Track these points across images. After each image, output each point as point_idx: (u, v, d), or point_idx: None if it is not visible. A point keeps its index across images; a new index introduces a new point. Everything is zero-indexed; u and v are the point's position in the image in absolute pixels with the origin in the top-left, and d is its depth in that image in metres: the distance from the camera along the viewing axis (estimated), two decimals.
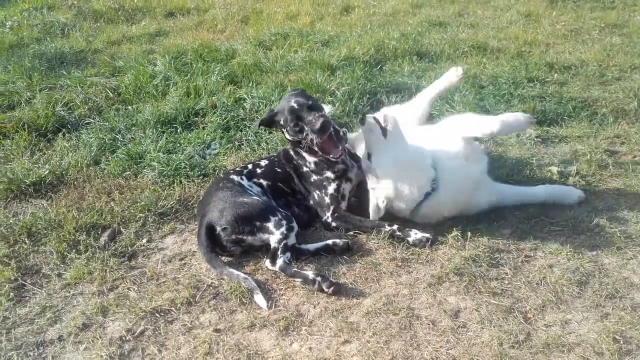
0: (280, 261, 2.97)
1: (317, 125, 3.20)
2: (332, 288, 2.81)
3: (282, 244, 3.01)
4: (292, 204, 3.45)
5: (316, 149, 3.33)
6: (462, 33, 7.02)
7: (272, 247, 3.02)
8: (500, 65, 5.83)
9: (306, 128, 3.27)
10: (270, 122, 3.53)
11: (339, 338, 2.54)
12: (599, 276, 2.86)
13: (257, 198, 3.22)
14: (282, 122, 3.41)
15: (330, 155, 3.31)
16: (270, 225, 3.05)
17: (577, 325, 2.55)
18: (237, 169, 3.55)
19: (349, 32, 7.17)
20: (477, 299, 2.73)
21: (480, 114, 4.60)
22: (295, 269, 2.95)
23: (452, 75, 4.08)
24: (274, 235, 3.03)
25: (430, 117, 4.66)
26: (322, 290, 2.82)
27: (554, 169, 3.85)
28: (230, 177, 3.38)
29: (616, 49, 6.24)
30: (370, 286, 2.87)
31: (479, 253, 3.03)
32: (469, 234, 3.17)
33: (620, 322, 2.53)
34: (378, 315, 2.66)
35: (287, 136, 3.45)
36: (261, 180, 3.42)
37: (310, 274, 2.89)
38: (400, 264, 3.01)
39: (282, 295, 2.83)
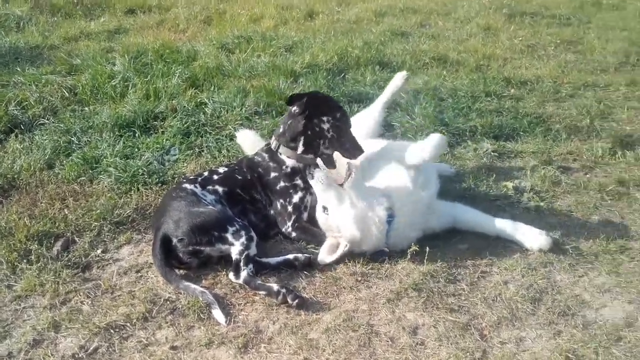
0: (244, 273, 2.93)
1: (358, 151, 3.42)
2: (296, 301, 2.79)
3: (244, 255, 2.97)
4: (249, 211, 3.41)
5: (329, 151, 3.46)
6: (424, 44, 7.13)
7: (233, 258, 2.98)
8: (459, 79, 5.94)
9: (348, 139, 3.45)
10: (311, 108, 3.42)
11: (299, 356, 2.52)
12: (551, 293, 2.94)
13: (212, 207, 3.17)
14: (338, 115, 3.47)
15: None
16: (229, 235, 3.00)
17: (531, 342, 2.61)
18: (191, 177, 3.50)
19: (313, 38, 7.18)
20: (435, 316, 2.77)
21: (439, 127, 4.71)
22: (259, 282, 2.92)
23: (397, 79, 4.32)
24: (235, 247, 2.99)
25: (387, 124, 4.73)
26: (286, 303, 2.80)
27: (509, 184, 3.95)
28: (183, 186, 3.31)
29: (570, 65, 6.46)
30: (330, 301, 2.87)
31: (437, 268, 3.08)
32: (427, 249, 3.21)
33: (572, 339, 2.60)
34: (338, 331, 2.66)
35: (323, 126, 3.44)
36: (217, 187, 3.36)
37: (274, 286, 2.87)
38: (360, 278, 3.02)
39: (241, 310, 2.80)
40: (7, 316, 2.72)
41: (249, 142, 4.09)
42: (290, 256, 3.13)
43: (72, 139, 4.37)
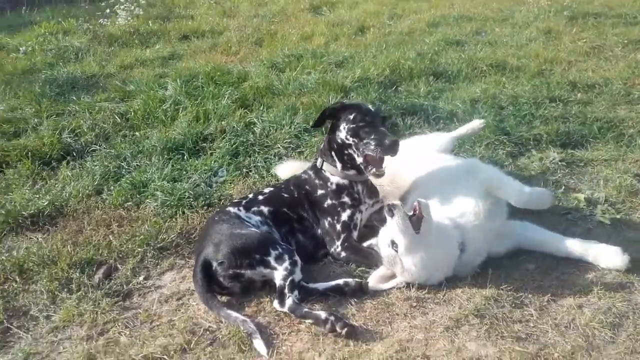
0: (289, 301, 2.73)
1: (388, 141, 3.04)
2: (346, 329, 2.57)
3: (289, 280, 2.78)
4: (297, 231, 3.25)
5: (360, 159, 3.17)
6: (480, 52, 6.81)
7: (277, 285, 2.79)
8: (520, 85, 5.61)
9: (372, 137, 3.09)
10: (334, 112, 3.30)
11: None
12: (633, 317, 2.59)
13: (255, 230, 3.01)
14: (350, 117, 3.21)
15: (374, 170, 3.13)
16: (271, 259, 2.83)
17: None
18: (235, 200, 3.36)
19: (364, 52, 7.02)
20: (500, 345, 2.47)
21: (500, 136, 4.40)
22: (305, 309, 2.71)
23: (474, 124, 4.07)
24: (278, 272, 2.81)
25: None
26: (334, 332, 2.58)
27: (581, 196, 3.60)
28: (227, 209, 3.19)
29: None
30: (382, 330, 2.63)
31: (501, 292, 2.78)
32: (490, 270, 2.92)
33: None
34: None
35: (340, 135, 3.24)
36: (262, 208, 3.21)
37: (322, 314, 2.66)
38: (415, 304, 2.77)
39: (284, 340, 2.60)
40: (42, 348, 2.64)
41: (289, 172, 3.91)
42: (340, 281, 2.91)
43: (122, 164, 4.36)
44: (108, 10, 9.31)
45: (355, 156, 3.21)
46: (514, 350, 2.44)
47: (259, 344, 2.54)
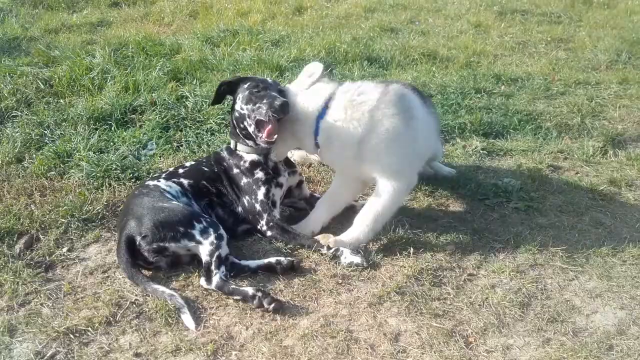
0: (216, 278, 2.74)
1: (279, 102, 3.02)
2: (273, 305, 2.62)
3: (215, 256, 2.78)
4: (216, 204, 3.25)
5: (252, 124, 3.14)
6: (413, 40, 6.98)
7: (204, 261, 2.79)
8: (449, 75, 5.82)
9: (265, 102, 3.06)
10: (232, 87, 3.31)
11: None
12: (541, 298, 2.81)
13: (177, 203, 2.98)
14: (245, 86, 3.21)
15: (261, 136, 3.10)
16: (196, 232, 2.81)
17: (519, 351, 2.47)
18: (155, 175, 3.35)
19: (301, 33, 7.02)
20: (418, 321, 2.61)
21: None
22: (233, 286, 2.73)
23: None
24: (204, 246, 2.80)
25: None
26: (262, 307, 2.63)
27: (499, 183, 3.81)
28: (146, 183, 3.15)
29: (561, 63, 6.35)
30: (309, 305, 2.71)
31: (422, 271, 2.93)
32: (412, 249, 3.07)
33: (562, 348, 2.47)
34: (314, 338, 2.50)
35: (237, 107, 3.23)
36: (182, 180, 3.19)
37: (250, 290, 2.70)
38: (340, 281, 2.87)
39: (212, 314, 2.63)
40: None
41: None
42: (272, 259, 2.95)
43: (45, 131, 4.18)
44: None
45: (247, 125, 3.19)
46: (431, 326, 2.59)
47: (187, 318, 2.56)
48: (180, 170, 3.28)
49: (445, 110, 4.88)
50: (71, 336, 2.45)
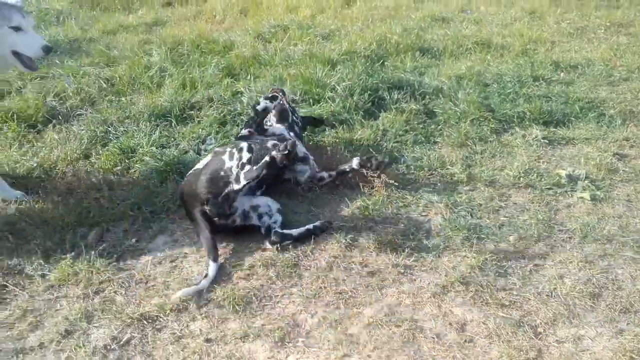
0: (241, 175, 2.98)
1: None
2: (288, 146, 2.94)
3: (239, 164, 3.05)
4: None
5: None
6: (466, 29, 6.88)
7: (234, 173, 3.04)
8: (504, 63, 5.71)
9: None
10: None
11: (338, 352, 2.38)
12: (612, 288, 2.72)
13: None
14: None
15: None
16: (227, 160, 3.12)
17: (591, 342, 2.41)
18: None
19: (350, 26, 7.03)
20: (485, 311, 2.58)
21: (485, 113, 4.49)
22: (254, 167, 2.99)
23: None
24: (232, 166, 3.08)
25: (428, 111, 4.60)
26: (287, 157, 2.96)
27: (562, 172, 3.71)
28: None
29: (623, 48, 6.12)
30: (371, 295, 2.71)
31: (486, 261, 2.89)
32: (475, 239, 3.03)
33: (636, 339, 2.39)
34: (379, 327, 2.51)
35: None
36: None
37: (265, 157, 2.98)
38: (402, 271, 2.86)
39: (277, 302, 2.67)
40: (39, 305, 2.66)
41: None
42: (310, 225, 3.13)
43: (109, 128, 4.32)
44: None
45: None
46: (498, 316, 2.55)
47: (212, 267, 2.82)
48: None
49: (502, 99, 4.78)
50: (144, 322, 2.54)
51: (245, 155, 3.07)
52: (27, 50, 3.19)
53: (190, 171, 3.36)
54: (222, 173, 3.07)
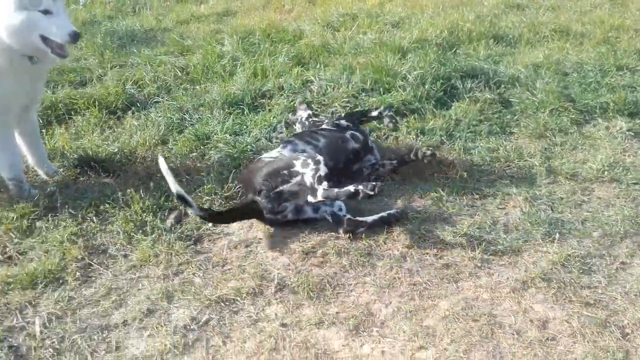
0: (320, 190, 2.95)
1: None
2: (376, 187, 2.85)
3: (316, 177, 3.00)
4: None
5: None
6: (542, 16, 6.59)
7: (308, 183, 3.01)
8: (584, 51, 5.45)
9: None
10: None
11: (414, 343, 2.35)
12: None
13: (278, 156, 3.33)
14: None
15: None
16: (298, 168, 3.07)
17: None
18: None
19: (420, 13, 6.88)
20: (568, 309, 2.48)
21: (565, 103, 4.30)
22: (336, 190, 2.94)
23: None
24: (307, 174, 3.03)
25: (504, 101, 4.47)
26: (366, 195, 2.85)
27: None
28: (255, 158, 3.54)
29: None
30: (447, 287, 2.66)
31: (569, 257, 2.77)
32: (557, 234, 2.91)
33: None
34: (456, 320, 2.46)
35: None
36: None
37: (350, 187, 2.91)
38: (480, 264, 2.79)
39: (351, 291, 2.67)
40: (123, 284, 2.77)
41: None
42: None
43: (185, 116, 4.43)
44: None
45: None
46: (582, 315, 2.45)
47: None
48: None
49: (583, 89, 4.57)
50: (222, 304, 2.60)
51: (323, 170, 3.03)
52: (55, 35, 3.09)
53: (257, 158, 3.41)
54: (284, 171, 3.07)
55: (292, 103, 4.55)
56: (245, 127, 4.28)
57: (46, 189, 3.46)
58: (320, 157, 3.11)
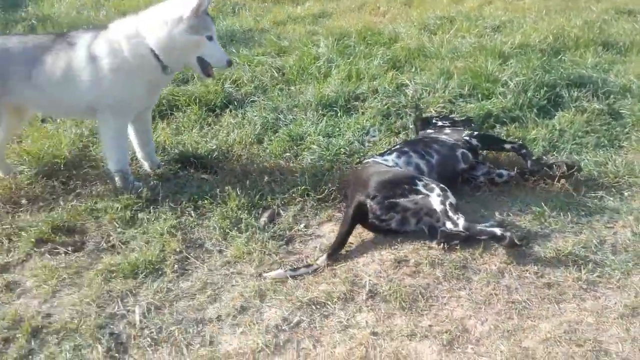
0: (461, 220, 2.87)
1: None
2: (524, 240, 2.81)
3: (447, 204, 2.92)
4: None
5: None
6: None
7: (439, 210, 2.95)
8: None
9: None
10: None
11: None
12: None
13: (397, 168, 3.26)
14: None
15: None
16: (420, 187, 3.00)
17: None
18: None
19: (522, 17, 6.60)
20: None
21: None
22: (479, 227, 2.88)
23: None
24: (432, 197, 2.97)
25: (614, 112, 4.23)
26: (513, 245, 2.76)
27: None
28: (365, 161, 3.52)
29: None
30: (548, 308, 2.52)
31: None
32: None
33: None
34: (558, 344, 2.32)
35: None
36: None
37: (497, 230, 2.83)
38: (585, 286, 2.62)
39: (445, 304, 2.59)
40: (218, 280, 2.85)
41: None
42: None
43: (279, 116, 4.50)
44: None
45: None
46: None
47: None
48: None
49: None
50: (313, 307, 2.60)
51: (452, 198, 2.96)
52: (214, 60, 3.41)
53: (372, 159, 3.40)
54: (405, 186, 3.01)
55: (385, 107, 4.51)
56: (338, 129, 4.29)
57: (149, 182, 3.63)
58: (444, 186, 3.02)
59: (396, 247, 3.00)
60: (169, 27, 3.25)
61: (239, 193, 3.38)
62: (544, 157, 3.71)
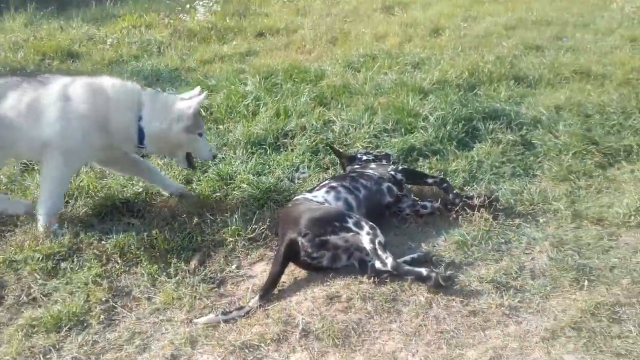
0: (390, 260, 2.91)
1: None
2: (449, 282, 2.87)
3: (377, 242, 2.96)
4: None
5: None
6: (562, 57, 6.61)
7: (368, 248, 2.99)
8: (606, 93, 5.42)
9: None
10: None
11: None
12: None
13: (327, 205, 3.29)
14: None
15: None
16: (351, 225, 3.03)
17: None
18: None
19: (440, 54, 6.95)
20: None
21: (588, 145, 4.29)
22: (407, 267, 2.95)
23: None
24: (362, 235, 3.01)
25: (526, 142, 4.46)
26: (439, 286, 2.84)
27: None
28: (295, 197, 3.50)
29: None
30: (474, 336, 2.62)
31: (598, 305, 2.71)
32: (586, 282, 2.86)
33: None
34: None
35: None
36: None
37: (423, 270, 2.91)
38: (507, 312, 2.74)
39: (376, 338, 2.64)
40: (146, 328, 2.77)
41: None
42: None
43: None
44: (188, 6, 9.58)
45: None
46: None
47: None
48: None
49: (606, 131, 4.55)
50: (246, 351, 2.58)
51: (381, 236, 3.00)
52: (202, 155, 3.64)
53: (302, 196, 3.40)
54: (336, 223, 3.04)
55: (314, 143, 4.59)
56: (268, 167, 4.33)
57: (72, 228, 3.50)
58: (374, 224, 3.06)
59: (328, 283, 3.03)
60: (169, 123, 3.43)
61: (167, 236, 3.33)
62: (464, 188, 3.88)
